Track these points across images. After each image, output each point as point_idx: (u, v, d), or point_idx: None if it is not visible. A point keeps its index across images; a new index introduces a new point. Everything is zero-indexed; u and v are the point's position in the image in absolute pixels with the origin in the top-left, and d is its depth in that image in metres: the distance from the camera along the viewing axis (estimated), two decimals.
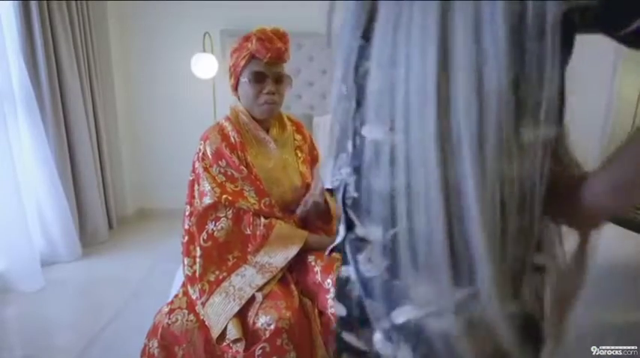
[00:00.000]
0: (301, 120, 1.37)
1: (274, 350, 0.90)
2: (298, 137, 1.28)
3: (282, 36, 1.09)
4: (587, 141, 2.72)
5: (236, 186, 1.08)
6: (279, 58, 1.09)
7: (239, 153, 1.10)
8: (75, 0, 2.26)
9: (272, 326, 0.91)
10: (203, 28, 2.61)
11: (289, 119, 1.29)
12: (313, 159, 1.33)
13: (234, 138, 1.12)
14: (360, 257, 0.54)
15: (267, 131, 1.19)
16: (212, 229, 1.04)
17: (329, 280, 1.04)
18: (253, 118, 1.16)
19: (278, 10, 2.73)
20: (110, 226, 2.63)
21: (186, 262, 1.09)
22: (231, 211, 1.06)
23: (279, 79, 1.12)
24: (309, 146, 1.32)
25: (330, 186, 0.71)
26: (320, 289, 1.05)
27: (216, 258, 1.04)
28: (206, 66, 2.54)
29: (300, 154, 1.26)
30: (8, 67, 1.94)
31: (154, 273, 2.06)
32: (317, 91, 2.86)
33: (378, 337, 0.53)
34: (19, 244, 1.92)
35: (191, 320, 0.99)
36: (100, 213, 2.46)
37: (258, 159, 1.14)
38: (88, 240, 2.38)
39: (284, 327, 0.92)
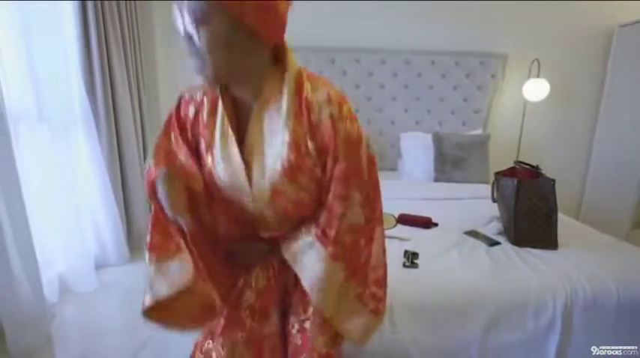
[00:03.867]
0: None
1: None
2: None
3: None
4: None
5: None
6: None
7: None
8: (125, 11, 2.42)
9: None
10: None
11: None
12: None
13: None
14: None
15: None
16: None
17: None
18: None
19: (313, 28, 2.83)
20: None
21: None
22: None
23: None
24: None
25: None
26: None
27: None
28: None
29: None
30: (71, 84, 2.13)
31: None
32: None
33: None
34: (76, 248, 2.09)
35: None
36: (144, 218, 2.63)
37: None
38: (134, 244, 2.54)
39: None
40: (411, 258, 1.42)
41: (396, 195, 2.25)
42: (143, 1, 2.65)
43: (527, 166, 1.76)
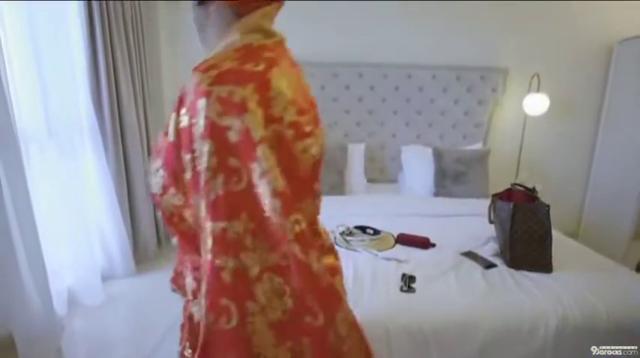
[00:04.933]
0: (336, 148, 1.29)
1: None
2: None
3: None
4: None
5: None
6: None
7: None
8: (130, 11, 2.45)
9: None
10: None
11: None
12: None
13: None
14: None
15: None
16: None
17: None
18: None
19: (317, 43, 2.89)
20: (159, 244, 2.85)
21: None
22: None
23: None
24: None
25: None
26: None
27: None
28: None
29: None
30: (78, 100, 2.19)
31: None
32: (352, 119, 2.99)
33: None
34: (84, 261, 2.15)
35: None
36: (150, 232, 2.69)
37: None
38: (140, 257, 2.60)
39: None
40: (408, 282, 1.47)
41: (396, 211, 2.31)
42: (148, 1, 2.67)
43: (523, 188, 1.80)
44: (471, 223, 2.12)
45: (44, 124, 1.98)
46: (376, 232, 1.95)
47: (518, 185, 1.83)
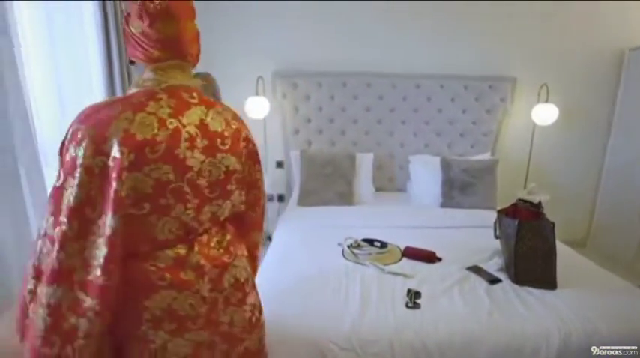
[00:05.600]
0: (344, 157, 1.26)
1: None
2: None
3: None
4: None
5: None
6: None
7: None
8: None
9: None
10: (257, 72, 2.85)
11: None
12: None
13: None
14: None
15: None
16: None
17: None
18: None
19: (326, 53, 2.94)
20: None
21: None
22: None
23: None
24: None
25: None
26: None
27: None
28: (259, 107, 2.79)
29: None
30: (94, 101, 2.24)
31: None
32: (361, 128, 3.03)
33: None
34: None
35: None
36: None
37: None
38: None
39: None
40: (413, 298, 1.51)
41: (404, 223, 2.35)
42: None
43: (528, 204, 1.83)
44: (478, 235, 2.15)
45: (60, 129, 2.03)
46: (383, 245, 1.99)
47: (524, 201, 1.85)
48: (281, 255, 1.97)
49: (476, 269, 1.76)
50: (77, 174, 0.74)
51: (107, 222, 0.75)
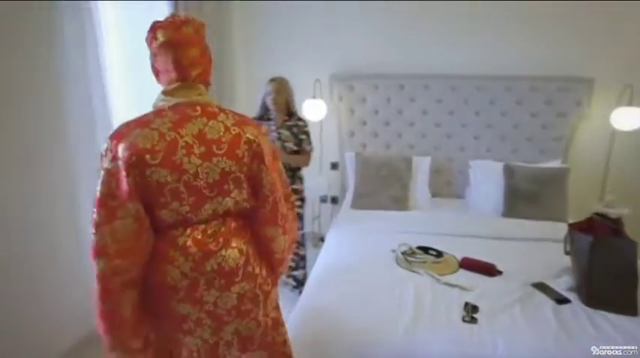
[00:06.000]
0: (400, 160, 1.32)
1: None
2: None
3: None
4: None
5: None
6: None
7: None
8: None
9: None
10: (314, 75, 2.89)
11: None
12: None
13: None
14: None
15: None
16: None
17: None
18: None
19: (382, 55, 2.90)
20: None
21: None
22: None
23: None
24: None
25: None
26: None
27: None
28: (316, 110, 2.82)
29: None
30: None
31: None
32: (418, 131, 2.95)
33: None
34: None
35: None
36: None
37: None
38: None
39: None
40: (470, 312, 1.44)
41: (462, 231, 2.25)
42: (220, 1, 2.66)
43: (606, 219, 1.66)
44: (544, 250, 1.99)
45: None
46: (439, 254, 1.93)
47: (600, 214, 1.69)
48: (333, 257, 1.98)
49: (542, 287, 1.64)
50: (101, 174, 0.96)
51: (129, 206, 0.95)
